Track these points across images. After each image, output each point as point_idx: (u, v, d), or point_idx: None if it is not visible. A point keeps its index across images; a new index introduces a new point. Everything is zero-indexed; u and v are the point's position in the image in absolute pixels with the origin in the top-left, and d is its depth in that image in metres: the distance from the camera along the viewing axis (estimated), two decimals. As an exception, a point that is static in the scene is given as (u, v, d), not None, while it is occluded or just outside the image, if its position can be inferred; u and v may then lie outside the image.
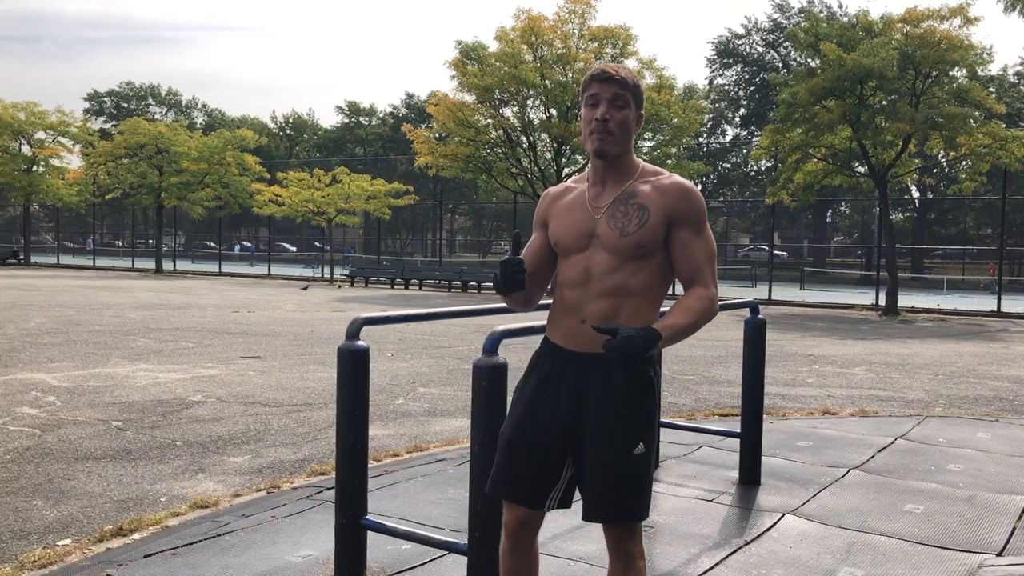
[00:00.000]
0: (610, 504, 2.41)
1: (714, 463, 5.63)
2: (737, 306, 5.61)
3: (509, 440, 2.54)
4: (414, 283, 31.92)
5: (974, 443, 6.41)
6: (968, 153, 22.91)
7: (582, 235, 2.48)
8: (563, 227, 2.52)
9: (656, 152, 29.39)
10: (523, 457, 2.51)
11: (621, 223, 2.43)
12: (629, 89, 2.45)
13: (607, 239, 2.44)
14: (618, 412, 2.41)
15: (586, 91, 2.48)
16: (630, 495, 2.41)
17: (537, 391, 2.53)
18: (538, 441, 2.49)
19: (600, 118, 2.42)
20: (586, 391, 2.45)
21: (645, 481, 2.44)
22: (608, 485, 2.40)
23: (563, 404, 2.48)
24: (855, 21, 24.08)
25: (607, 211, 2.46)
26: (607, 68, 2.47)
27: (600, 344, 2.33)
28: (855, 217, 61.65)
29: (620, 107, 2.44)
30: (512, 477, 2.53)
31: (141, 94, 78.84)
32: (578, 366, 2.47)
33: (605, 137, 2.43)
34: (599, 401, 2.43)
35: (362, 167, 50.21)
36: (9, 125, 41.59)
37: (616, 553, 2.49)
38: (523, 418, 2.52)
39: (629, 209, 2.44)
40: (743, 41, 57.90)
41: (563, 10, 27.71)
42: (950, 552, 4.04)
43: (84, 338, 12.19)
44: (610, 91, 2.43)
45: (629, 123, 2.46)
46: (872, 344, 14.49)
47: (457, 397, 8.17)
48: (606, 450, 2.41)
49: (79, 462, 5.55)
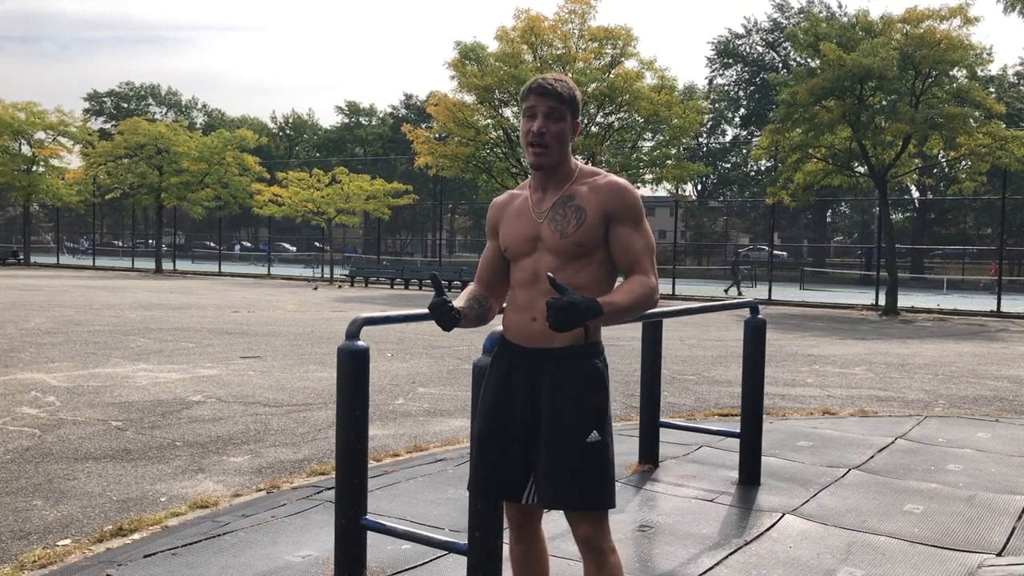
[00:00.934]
0: (566, 490, 2.49)
1: (714, 463, 5.63)
2: (737, 306, 5.61)
3: (478, 437, 2.67)
4: (414, 283, 31.92)
5: (974, 443, 6.41)
6: (968, 153, 22.91)
7: (527, 239, 2.60)
8: (510, 233, 2.65)
9: (656, 152, 29.39)
10: (491, 453, 2.63)
11: (560, 225, 2.55)
12: (565, 102, 2.55)
13: (549, 241, 2.56)
14: (569, 402, 2.51)
15: (524, 102, 2.58)
16: (587, 482, 2.49)
17: (497, 388, 2.65)
18: (502, 436, 2.61)
19: (536, 131, 2.53)
20: (539, 384, 2.56)
21: (603, 469, 2.52)
22: (563, 472, 2.49)
23: (519, 398, 2.58)
24: (855, 21, 24.09)
25: (548, 215, 2.58)
26: (544, 81, 2.56)
27: (549, 338, 2.50)
28: (855, 217, 61.67)
29: (556, 120, 2.54)
30: (485, 473, 2.65)
31: (141, 94, 78.87)
32: (530, 360, 2.58)
33: (542, 151, 2.55)
34: (550, 392, 2.53)
35: (362, 167, 50.27)
36: (9, 125, 41.60)
37: (586, 550, 2.56)
38: (487, 415, 2.65)
39: (567, 211, 2.56)
40: (743, 41, 57.93)
41: (563, 10, 27.72)
42: (950, 552, 4.04)
43: (84, 338, 12.19)
44: (546, 104, 2.54)
45: (565, 134, 2.57)
46: (872, 344, 14.49)
47: (457, 397, 8.17)
48: (559, 438, 2.50)
49: (79, 462, 5.55)
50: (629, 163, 28.35)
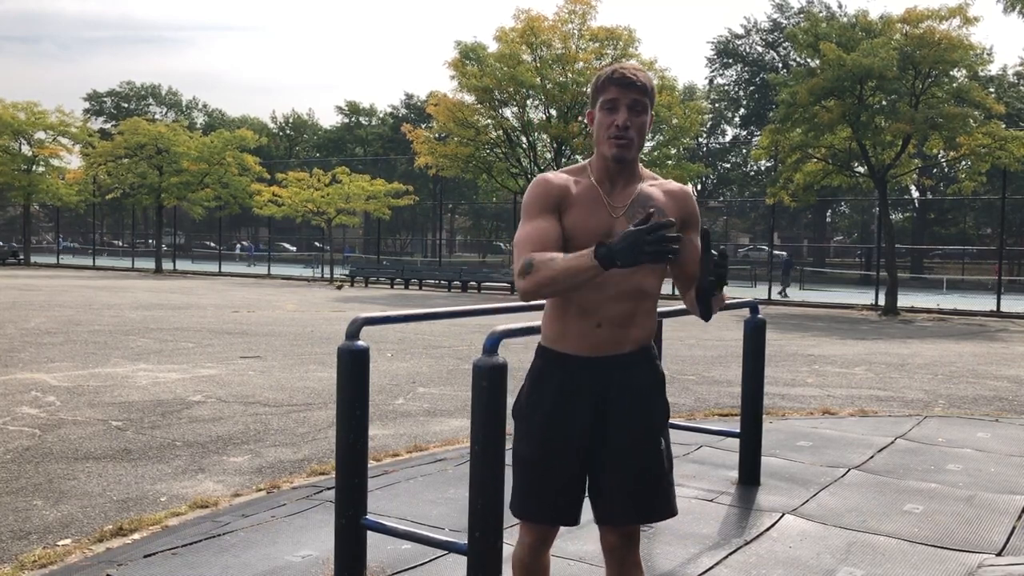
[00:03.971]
0: (637, 503, 2.41)
1: (714, 463, 5.63)
2: (737, 306, 5.61)
3: (534, 464, 2.47)
4: (414, 283, 31.92)
5: (974, 443, 6.41)
6: (968, 153, 22.92)
7: (598, 234, 2.36)
8: (580, 223, 2.39)
9: (656, 152, 29.40)
10: (551, 479, 2.46)
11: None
12: (647, 94, 2.39)
13: None
14: (640, 410, 2.43)
15: (603, 93, 2.39)
16: (656, 493, 2.43)
17: (555, 407, 2.45)
18: (565, 460, 2.45)
19: (622, 125, 2.36)
20: (606, 395, 2.42)
21: (669, 477, 2.48)
22: (641, 484, 2.41)
23: (584, 413, 2.43)
24: (855, 21, 24.09)
25: (627, 212, 2.40)
26: (627, 72, 2.38)
27: (617, 344, 2.38)
28: (855, 217, 61.62)
29: (639, 112, 2.38)
30: (540, 500, 2.48)
31: (141, 94, 78.85)
32: (595, 372, 2.42)
33: (626, 144, 2.37)
34: (620, 402, 2.42)
35: (362, 167, 50.21)
36: (9, 125, 41.59)
37: (615, 563, 2.48)
38: (545, 439, 2.45)
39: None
40: (743, 41, 57.91)
41: (563, 10, 27.71)
42: (950, 552, 4.04)
43: (84, 338, 12.19)
44: (630, 96, 2.36)
45: (646, 129, 2.43)
46: (872, 344, 14.49)
47: (457, 397, 8.17)
48: (635, 450, 2.41)
49: (79, 462, 5.55)
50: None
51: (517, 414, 2.55)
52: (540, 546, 2.58)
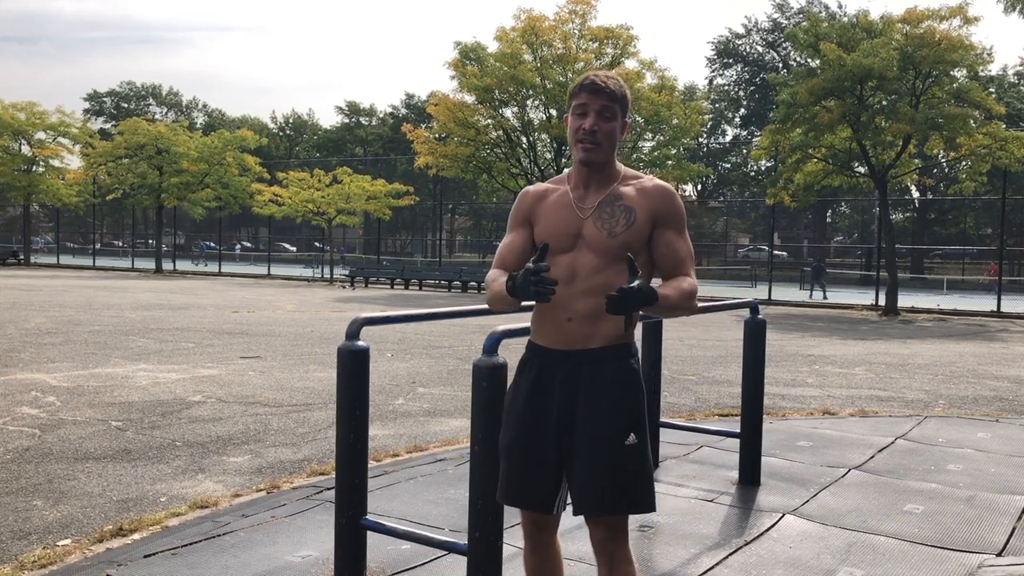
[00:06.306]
0: (604, 495, 2.43)
1: (714, 463, 5.63)
2: (737, 306, 5.61)
3: (509, 448, 2.58)
4: (414, 283, 31.93)
5: (974, 443, 6.41)
6: (968, 153, 22.93)
7: (569, 235, 2.51)
8: (549, 227, 2.54)
9: (656, 153, 29.40)
10: (524, 464, 2.55)
11: (609, 224, 2.48)
12: (617, 100, 2.49)
13: (594, 240, 2.48)
14: (607, 404, 2.46)
15: (574, 99, 2.52)
16: (624, 486, 2.43)
17: (529, 396, 2.55)
18: (536, 446, 2.53)
19: (588, 129, 2.47)
20: (575, 387, 2.49)
21: (641, 472, 2.46)
22: (601, 476, 2.43)
23: (554, 403, 2.51)
24: (855, 21, 24.10)
25: (594, 213, 2.51)
26: (596, 79, 2.49)
27: (586, 339, 2.46)
28: (855, 217, 61.63)
29: (608, 118, 2.49)
30: (518, 484, 2.57)
31: (141, 94, 78.88)
32: (565, 364, 2.50)
33: (592, 147, 2.49)
34: (588, 395, 2.47)
35: (362, 167, 50.24)
36: (9, 125, 41.59)
37: (605, 557, 2.50)
38: (518, 424, 2.56)
39: (616, 211, 2.50)
40: (743, 41, 57.96)
41: (563, 10, 27.72)
42: (950, 552, 4.04)
43: (84, 338, 12.19)
44: (599, 103, 2.47)
45: (615, 133, 2.51)
46: (872, 344, 14.49)
47: (457, 397, 8.17)
48: (598, 442, 2.44)
49: (79, 462, 5.55)
50: (629, 163, 28.33)
51: (504, 403, 2.69)
52: (536, 534, 2.63)
